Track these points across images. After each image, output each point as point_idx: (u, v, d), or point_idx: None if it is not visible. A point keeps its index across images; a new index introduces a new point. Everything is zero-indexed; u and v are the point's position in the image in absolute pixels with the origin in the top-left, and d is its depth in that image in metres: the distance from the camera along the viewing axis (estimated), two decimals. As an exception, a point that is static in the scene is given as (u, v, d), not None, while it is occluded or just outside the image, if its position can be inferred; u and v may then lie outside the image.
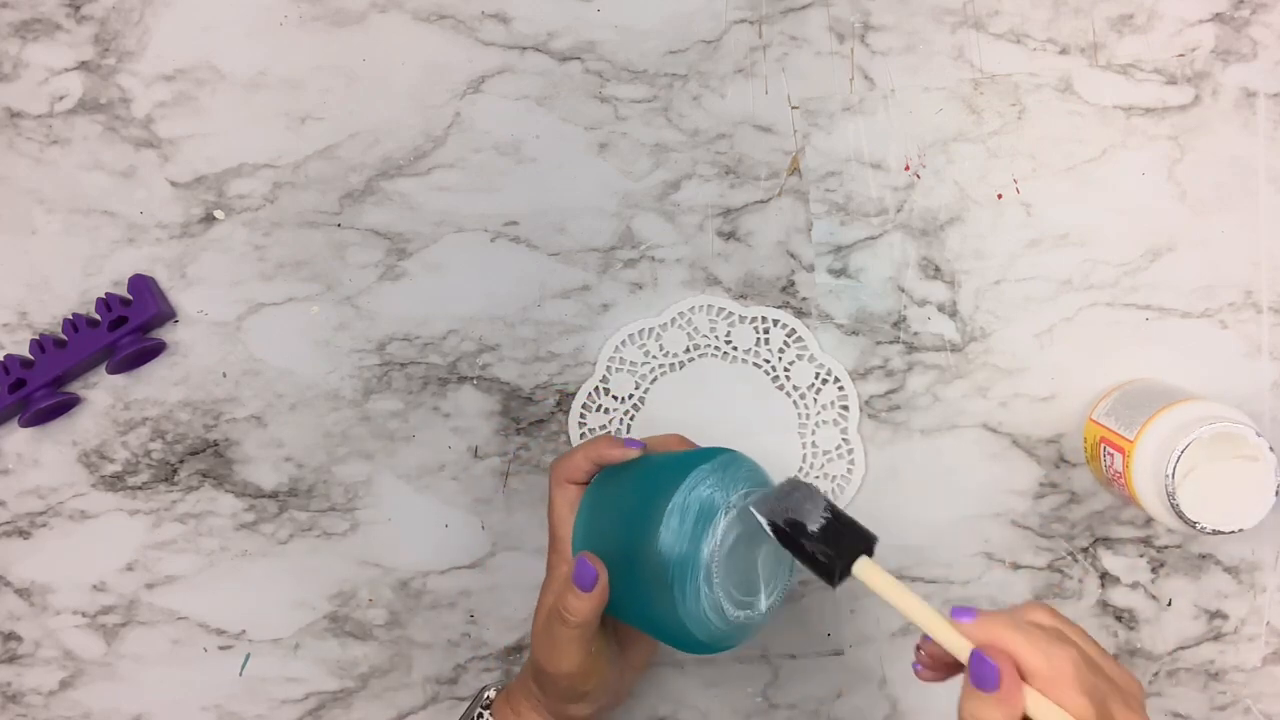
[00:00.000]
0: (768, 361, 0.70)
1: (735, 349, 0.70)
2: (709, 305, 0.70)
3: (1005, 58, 0.70)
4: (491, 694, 0.65)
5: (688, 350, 0.71)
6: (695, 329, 0.70)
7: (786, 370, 0.71)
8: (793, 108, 0.71)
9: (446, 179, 0.71)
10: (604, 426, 0.71)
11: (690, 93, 0.71)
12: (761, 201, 0.71)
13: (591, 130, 0.71)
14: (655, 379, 0.71)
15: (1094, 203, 0.70)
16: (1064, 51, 0.70)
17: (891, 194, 0.71)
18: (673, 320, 0.71)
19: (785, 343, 0.70)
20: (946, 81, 0.70)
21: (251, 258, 0.72)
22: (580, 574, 0.57)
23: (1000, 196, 0.70)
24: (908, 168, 0.71)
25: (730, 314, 0.71)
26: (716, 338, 0.70)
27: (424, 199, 0.71)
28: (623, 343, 0.70)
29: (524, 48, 0.71)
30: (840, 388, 0.70)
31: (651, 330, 0.71)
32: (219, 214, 0.72)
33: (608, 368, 0.71)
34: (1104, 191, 0.70)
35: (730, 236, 0.71)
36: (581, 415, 0.71)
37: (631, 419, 0.71)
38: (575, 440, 0.71)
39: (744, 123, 0.71)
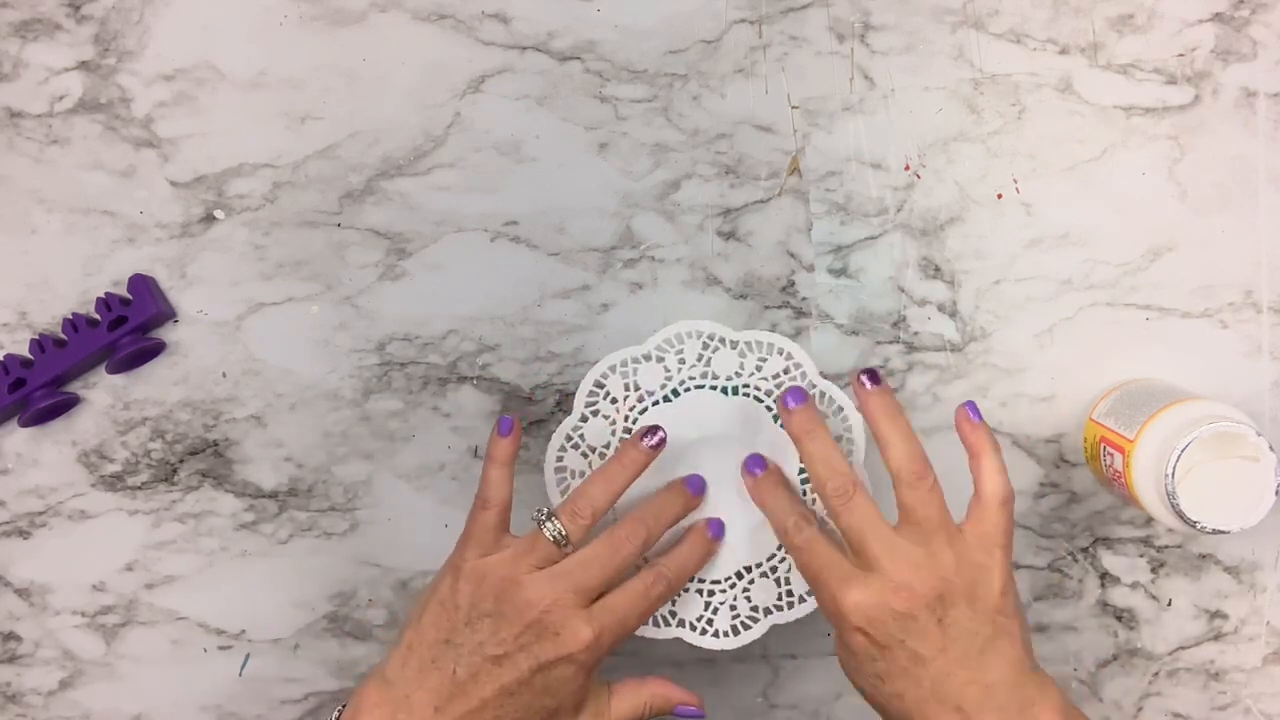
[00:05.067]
0: (761, 388, 0.65)
1: (727, 379, 0.65)
2: (696, 332, 0.65)
3: (1005, 58, 0.70)
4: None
5: (669, 381, 0.65)
6: (683, 359, 0.65)
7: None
8: (793, 107, 0.70)
9: (446, 179, 0.71)
10: (583, 473, 0.65)
11: (690, 92, 0.70)
12: (761, 201, 0.71)
13: (591, 130, 0.71)
14: (638, 417, 0.65)
15: (1094, 203, 0.70)
16: (1064, 51, 0.70)
17: (891, 194, 0.71)
18: (656, 350, 0.65)
19: (785, 369, 0.65)
20: (946, 81, 0.70)
21: (251, 257, 0.71)
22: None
23: (1000, 196, 0.70)
24: (908, 168, 0.70)
25: (719, 340, 0.65)
26: (706, 367, 0.65)
27: (424, 199, 0.71)
28: (604, 375, 0.65)
29: (524, 47, 0.70)
30: (844, 417, 0.65)
31: (635, 361, 0.65)
32: (219, 214, 0.71)
33: (587, 404, 0.65)
34: (1104, 191, 0.70)
35: (730, 236, 0.71)
36: (559, 454, 0.66)
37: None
38: (551, 482, 0.66)
39: (744, 123, 0.71)
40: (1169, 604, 0.71)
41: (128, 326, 0.69)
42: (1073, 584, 0.72)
